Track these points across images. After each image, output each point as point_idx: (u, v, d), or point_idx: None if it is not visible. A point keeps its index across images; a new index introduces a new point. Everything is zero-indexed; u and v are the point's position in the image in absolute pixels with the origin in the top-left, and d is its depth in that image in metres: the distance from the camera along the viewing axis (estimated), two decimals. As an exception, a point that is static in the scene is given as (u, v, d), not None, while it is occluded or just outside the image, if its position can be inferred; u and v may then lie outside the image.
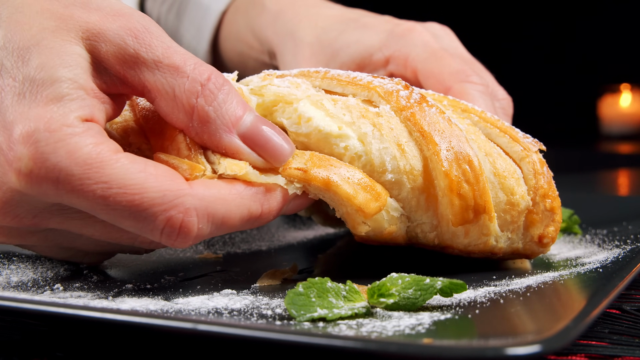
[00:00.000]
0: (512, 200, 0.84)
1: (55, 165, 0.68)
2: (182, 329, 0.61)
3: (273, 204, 0.76)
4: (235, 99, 0.75)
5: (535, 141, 0.89)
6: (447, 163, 0.80)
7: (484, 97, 1.00)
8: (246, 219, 0.74)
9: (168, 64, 0.73)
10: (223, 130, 0.74)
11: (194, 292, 0.77)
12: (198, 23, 1.34)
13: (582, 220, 1.12)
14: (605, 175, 2.51)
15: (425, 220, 0.83)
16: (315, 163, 0.77)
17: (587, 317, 0.63)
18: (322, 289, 0.68)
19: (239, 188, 0.74)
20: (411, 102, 0.82)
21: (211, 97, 0.73)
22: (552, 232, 0.88)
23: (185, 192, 0.70)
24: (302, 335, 0.59)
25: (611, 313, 0.79)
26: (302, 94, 0.85)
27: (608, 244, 1.00)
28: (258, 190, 0.75)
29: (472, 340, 0.62)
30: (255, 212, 0.75)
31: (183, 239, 0.71)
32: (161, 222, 0.70)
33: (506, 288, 0.78)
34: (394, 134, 0.81)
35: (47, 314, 0.65)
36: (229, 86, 0.75)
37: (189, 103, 0.73)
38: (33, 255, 0.90)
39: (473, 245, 0.85)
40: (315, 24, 1.16)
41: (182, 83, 0.73)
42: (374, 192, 0.78)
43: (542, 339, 0.57)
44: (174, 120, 0.74)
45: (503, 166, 0.85)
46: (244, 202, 0.74)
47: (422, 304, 0.69)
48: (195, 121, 0.73)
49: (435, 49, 1.05)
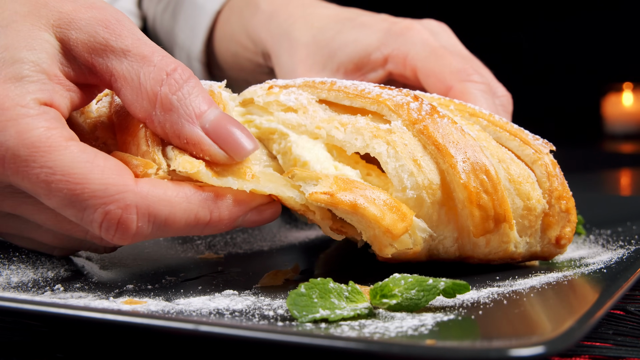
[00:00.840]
0: (528, 205, 0.85)
1: (2, 143, 0.69)
2: (183, 330, 0.61)
3: (224, 212, 0.75)
4: (200, 94, 0.75)
5: (545, 142, 0.89)
6: (465, 175, 0.80)
7: (486, 96, 1.00)
8: (192, 224, 0.74)
9: (136, 53, 0.74)
10: (186, 120, 0.74)
11: (195, 292, 0.77)
12: (192, 23, 1.33)
13: (586, 220, 1.12)
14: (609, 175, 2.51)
15: (446, 234, 0.83)
16: (341, 186, 0.77)
17: (591, 318, 0.63)
18: (325, 290, 0.68)
19: (187, 192, 0.74)
20: (423, 115, 0.82)
21: (175, 87, 0.74)
22: (569, 233, 0.88)
23: (128, 188, 0.71)
24: (304, 337, 0.59)
25: (615, 314, 0.79)
26: (311, 123, 0.84)
27: (612, 244, 1.00)
28: (208, 197, 0.74)
29: (475, 342, 0.62)
30: (202, 218, 0.74)
31: (121, 235, 0.72)
32: (100, 215, 0.70)
33: (509, 289, 0.77)
34: (408, 150, 0.80)
35: (48, 314, 0.65)
36: (195, 81, 0.75)
37: (153, 90, 0.74)
38: (33, 256, 0.90)
39: (493, 254, 0.85)
40: (311, 24, 1.15)
41: (148, 71, 0.74)
42: (400, 212, 0.78)
43: (546, 340, 0.56)
44: (138, 108, 0.75)
45: (517, 171, 0.85)
46: (191, 207, 0.73)
47: (425, 304, 0.69)
48: (158, 109, 0.74)
49: (435, 47, 1.05)
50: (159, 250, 0.98)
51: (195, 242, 1.03)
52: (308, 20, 1.16)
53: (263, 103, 0.88)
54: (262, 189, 0.76)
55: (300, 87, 0.88)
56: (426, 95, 0.89)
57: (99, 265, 0.90)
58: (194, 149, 0.75)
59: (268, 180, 0.77)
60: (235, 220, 0.76)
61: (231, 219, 0.76)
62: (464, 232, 0.83)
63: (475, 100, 0.98)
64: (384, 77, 1.10)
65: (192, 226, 0.74)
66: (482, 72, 1.03)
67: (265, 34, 1.20)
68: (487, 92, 1.00)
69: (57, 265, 0.88)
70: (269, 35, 1.19)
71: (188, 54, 1.35)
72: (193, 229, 0.75)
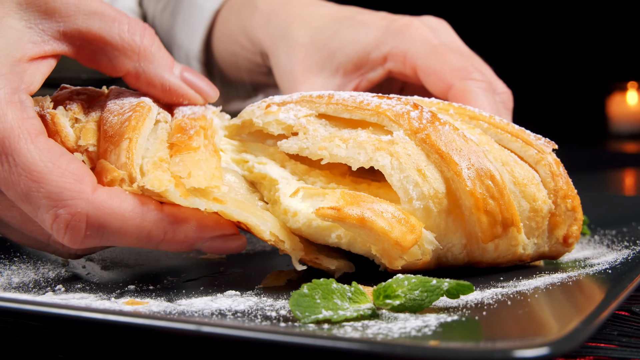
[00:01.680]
0: (535, 206, 0.85)
1: None
2: (185, 331, 0.61)
3: (179, 235, 0.76)
4: (166, 51, 0.85)
5: (547, 141, 0.89)
6: (471, 182, 0.80)
7: (487, 94, 0.99)
8: (144, 240, 0.75)
9: (107, 15, 0.81)
10: (165, 69, 0.83)
11: (197, 293, 0.77)
12: (191, 22, 1.33)
13: (591, 220, 1.12)
14: (614, 175, 2.51)
15: (455, 242, 0.83)
16: (348, 201, 0.77)
17: (596, 319, 0.63)
18: (327, 290, 0.68)
19: (143, 209, 0.75)
20: (424, 123, 0.81)
21: (151, 40, 0.83)
22: (576, 231, 0.88)
23: (82, 196, 0.72)
24: (307, 337, 0.59)
25: (620, 315, 0.79)
26: (313, 144, 0.83)
27: (617, 244, 1.00)
28: (164, 218, 0.75)
29: (479, 343, 0.62)
30: (155, 237, 0.75)
31: (70, 239, 0.73)
32: (50, 217, 0.72)
33: (513, 289, 0.77)
34: (412, 160, 0.80)
35: (49, 315, 0.65)
36: (159, 39, 0.84)
37: (135, 43, 0.81)
38: (35, 256, 0.90)
39: (502, 257, 0.85)
40: (309, 24, 1.15)
41: (124, 29, 0.81)
42: (409, 224, 0.78)
43: (551, 341, 0.56)
44: (119, 64, 0.82)
45: (521, 174, 0.85)
46: (144, 225, 0.74)
47: (429, 305, 0.69)
48: (141, 61, 0.82)
49: (435, 45, 1.05)
50: (160, 251, 0.98)
51: (197, 242, 1.03)
52: (306, 20, 1.15)
53: (262, 124, 0.87)
54: (230, 212, 0.77)
55: (298, 103, 0.87)
56: (425, 101, 0.89)
57: (100, 266, 0.90)
58: (174, 95, 0.83)
59: (236, 206, 0.78)
60: (192, 244, 0.77)
61: (187, 242, 0.77)
62: (472, 239, 0.83)
63: (476, 99, 0.98)
64: (383, 76, 1.09)
65: (144, 242, 0.76)
66: (482, 69, 1.03)
67: (263, 34, 1.19)
68: (488, 90, 1.00)
69: (58, 265, 0.88)
70: (266, 35, 1.19)
71: (187, 53, 1.35)
72: (146, 245, 0.76)
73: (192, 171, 0.76)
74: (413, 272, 0.80)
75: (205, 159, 0.79)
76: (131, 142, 0.77)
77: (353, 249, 0.82)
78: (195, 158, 0.78)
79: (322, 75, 1.11)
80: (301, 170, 0.86)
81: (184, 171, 0.76)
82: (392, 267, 0.79)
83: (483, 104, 0.98)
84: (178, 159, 0.78)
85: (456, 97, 1.00)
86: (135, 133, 0.78)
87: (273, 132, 0.87)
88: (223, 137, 0.90)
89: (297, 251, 0.80)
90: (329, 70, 1.11)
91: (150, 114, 0.81)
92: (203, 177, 0.76)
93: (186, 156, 0.78)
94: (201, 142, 0.81)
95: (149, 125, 0.81)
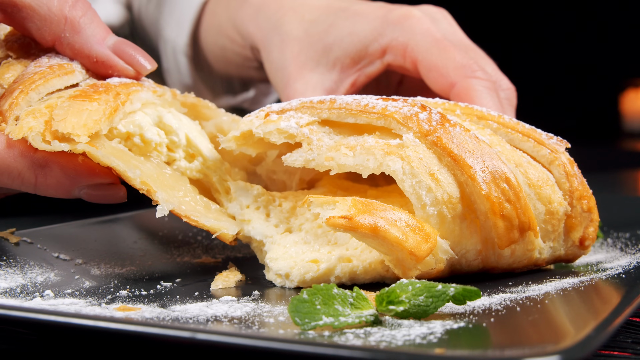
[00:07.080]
0: (550, 209, 0.85)
1: None
2: (179, 338, 0.61)
3: (50, 179, 0.82)
4: (100, 23, 0.90)
5: (559, 140, 0.89)
6: (486, 185, 0.80)
7: (491, 93, 0.99)
8: (18, 181, 0.82)
9: None
10: (94, 40, 0.88)
11: (192, 298, 0.77)
12: (178, 15, 1.31)
13: (604, 222, 1.12)
14: (628, 175, 2.50)
15: (469, 248, 0.83)
16: (360, 209, 0.76)
17: (609, 326, 0.63)
18: (328, 296, 0.68)
19: (14, 151, 0.82)
20: (434, 125, 0.81)
21: (81, 12, 0.88)
22: (592, 233, 0.88)
23: None
24: (306, 345, 0.59)
25: (634, 322, 0.79)
26: (318, 155, 0.83)
27: (631, 248, 1.00)
28: (35, 161, 0.82)
29: (486, 350, 0.62)
30: (28, 179, 0.82)
31: None
32: None
33: (523, 295, 0.77)
34: (424, 164, 0.79)
35: (37, 322, 0.65)
36: (94, 11, 0.90)
37: (62, 13, 0.87)
38: (22, 260, 0.90)
39: (517, 262, 0.85)
40: (302, 16, 1.13)
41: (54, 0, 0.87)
42: (423, 232, 0.77)
43: (562, 349, 0.56)
44: (47, 33, 0.88)
45: (536, 175, 0.84)
46: (15, 165, 0.82)
47: (434, 311, 0.69)
48: (68, 31, 0.88)
49: (437, 38, 1.03)
50: (153, 254, 0.98)
51: (192, 245, 1.03)
52: (299, 12, 1.13)
53: (263, 134, 0.86)
54: (96, 154, 0.80)
55: (299, 110, 0.86)
56: (430, 102, 0.89)
57: (91, 270, 0.90)
58: (104, 66, 0.88)
59: (110, 153, 0.81)
60: (69, 191, 0.83)
61: (61, 188, 0.83)
62: (487, 244, 0.83)
63: (480, 97, 0.98)
64: (382, 69, 1.08)
65: (18, 183, 0.82)
66: (485, 66, 1.02)
67: (253, 27, 1.18)
68: (492, 89, 1.00)
69: (47, 269, 0.88)
70: (257, 28, 1.17)
71: (173, 46, 1.34)
72: (21, 186, 0.83)
73: (69, 117, 0.81)
74: None
75: (95, 110, 0.83)
76: (21, 93, 0.84)
77: (357, 282, 0.82)
78: (84, 107, 0.82)
79: (318, 71, 1.10)
80: (286, 202, 0.89)
81: (62, 116, 0.81)
82: (406, 277, 0.79)
83: (487, 103, 0.97)
84: (67, 103, 0.83)
85: (459, 95, 0.99)
86: (30, 86, 0.84)
87: (275, 142, 0.87)
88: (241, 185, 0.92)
89: (168, 203, 0.83)
90: (325, 66, 1.10)
91: (66, 76, 0.87)
92: (75, 124, 0.80)
93: (76, 103, 0.83)
94: (105, 98, 0.85)
95: (56, 84, 0.86)
